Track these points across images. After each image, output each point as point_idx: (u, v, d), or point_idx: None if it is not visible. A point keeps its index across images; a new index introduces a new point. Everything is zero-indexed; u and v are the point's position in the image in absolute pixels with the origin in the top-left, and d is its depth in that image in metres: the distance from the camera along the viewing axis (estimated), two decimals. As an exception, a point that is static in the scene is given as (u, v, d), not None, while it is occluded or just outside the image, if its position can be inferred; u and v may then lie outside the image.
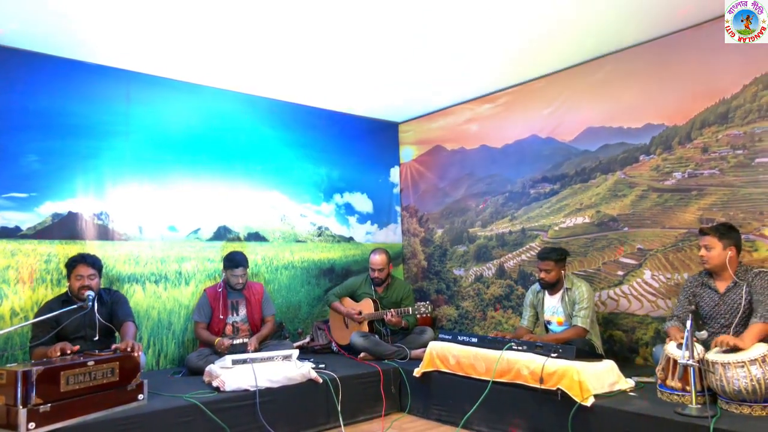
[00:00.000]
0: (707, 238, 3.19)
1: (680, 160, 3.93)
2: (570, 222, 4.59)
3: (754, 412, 2.66)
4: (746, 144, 3.61)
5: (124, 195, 4.30)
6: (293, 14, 3.55)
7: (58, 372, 2.74)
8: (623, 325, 4.17)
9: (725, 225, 3.22)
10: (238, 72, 4.52)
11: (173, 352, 4.40)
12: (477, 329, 5.29)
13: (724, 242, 3.14)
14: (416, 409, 4.00)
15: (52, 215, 3.99)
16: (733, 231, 3.18)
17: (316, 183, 5.49)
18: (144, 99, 4.43)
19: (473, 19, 3.68)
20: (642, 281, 4.09)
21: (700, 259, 3.26)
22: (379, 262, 4.72)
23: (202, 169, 4.72)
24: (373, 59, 4.32)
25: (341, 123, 5.70)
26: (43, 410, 2.65)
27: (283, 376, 3.54)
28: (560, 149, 4.71)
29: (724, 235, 3.14)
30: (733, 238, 3.15)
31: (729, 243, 3.14)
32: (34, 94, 3.96)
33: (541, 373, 3.16)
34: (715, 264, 3.17)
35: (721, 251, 3.14)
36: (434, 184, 5.88)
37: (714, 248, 3.16)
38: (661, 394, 3.01)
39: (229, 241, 4.83)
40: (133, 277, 4.29)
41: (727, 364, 2.72)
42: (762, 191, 3.53)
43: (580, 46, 4.18)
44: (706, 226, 3.33)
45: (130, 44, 3.93)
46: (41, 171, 3.96)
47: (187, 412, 3.12)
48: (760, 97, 3.55)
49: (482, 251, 5.33)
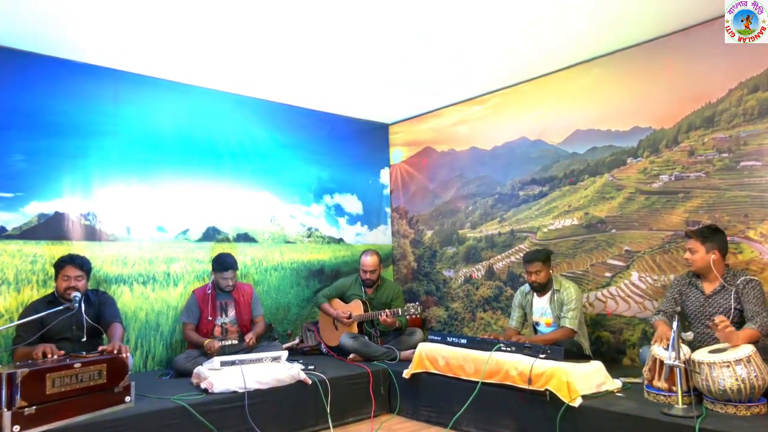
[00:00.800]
0: (691, 241, 3.24)
1: (667, 163, 3.98)
2: (558, 224, 4.62)
3: (739, 411, 2.69)
4: (732, 147, 3.66)
5: (112, 195, 4.27)
6: (283, 15, 3.54)
7: (43, 374, 2.71)
8: (611, 326, 4.20)
9: (710, 228, 3.26)
10: (227, 72, 4.50)
11: (161, 354, 4.36)
12: (466, 330, 5.30)
13: (707, 246, 3.18)
14: (405, 410, 4.00)
15: (38, 215, 3.95)
16: (717, 234, 3.22)
17: (306, 184, 5.48)
18: (133, 98, 4.40)
19: (463, 22, 3.70)
20: (629, 283, 4.12)
21: (686, 261, 3.30)
22: (370, 264, 4.72)
23: (191, 169, 4.69)
24: (363, 60, 4.32)
25: (331, 124, 5.69)
26: (28, 413, 2.62)
27: (272, 377, 3.53)
28: (549, 151, 4.74)
29: (708, 239, 3.18)
30: (717, 241, 3.19)
31: (712, 246, 3.17)
32: (20, 92, 3.92)
33: (529, 374, 3.18)
34: (699, 267, 3.22)
35: (705, 254, 3.18)
36: (424, 185, 5.89)
37: (697, 252, 3.20)
38: (648, 394, 3.04)
39: (218, 242, 4.80)
40: (121, 278, 4.25)
41: (713, 364, 2.75)
42: (747, 194, 3.58)
43: (569, 49, 4.22)
44: (691, 229, 3.38)
45: (119, 43, 3.90)
46: (27, 171, 3.92)
47: (175, 414, 3.10)
48: (745, 101, 3.60)
49: (471, 253, 5.35)
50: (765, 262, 3.46)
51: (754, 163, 3.55)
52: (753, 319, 2.98)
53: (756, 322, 2.95)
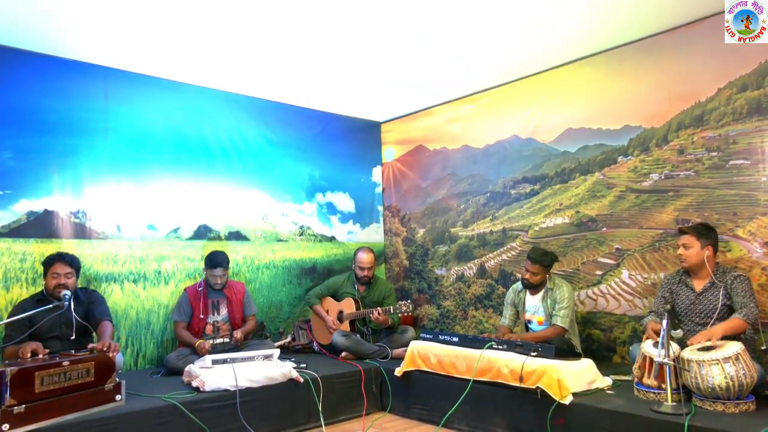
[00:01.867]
0: (686, 237, 3.26)
1: (657, 162, 4.00)
2: (550, 222, 4.64)
3: (727, 409, 2.71)
4: (721, 146, 3.69)
5: (102, 193, 4.24)
6: (276, 13, 3.52)
7: (32, 372, 2.69)
8: (601, 324, 4.23)
9: (704, 225, 3.30)
10: (219, 69, 4.48)
11: (152, 352, 4.34)
12: (458, 328, 5.32)
13: (702, 241, 3.21)
14: (397, 408, 4.01)
15: (27, 213, 3.91)
16: (711, 231, 3.26)
17: (298, 182, 5.47)
18: (123, 96, 4.37)
19: (455, 21, 3.70)
20: (620, 281, 4.15)
21: (678, 258, 3.32)
22: (367, 261, 4.72)
23: (182, 167, 4.67)
24: (355, 58, 4.32)
25: (323, 122, 5.68)
26: (17, 411, 2.60)
27: (263, 375, 3.52)
28: (540, 150, 4.76)
29: (703, 235, 3.21)
30: (711, 237, 3.23)
31: (707, 242, 3.21)
32: (9, 90, 3.88)
33: (520, 371, 3.19)
34: (692, 263, 3.24)
35: (699, 250, 3.21)
36: (416, 183, 5.90)
37: (692, 247, 3.22)
38: (638, 392, 3.06)
39: (210, 240, 4.78)
40: (111, 277, 4.22)
41: (702, 362, 2.77)
42: (736, 192, 3.61)
43: (560, 48, 4.23)
44: (685, 225, 3.41)
45: (109, 40, 3.87)
46: (16, 168, 3.88)
47: (166, 412, 3.09)
48: (734, 100, 3.62)
49: (463, 251, 5.36)
50: (753, 260, 3.49)
51: (742, 161, 3.58)
52: (740, 310, 3.03)
53: (742, 312, 3.00)
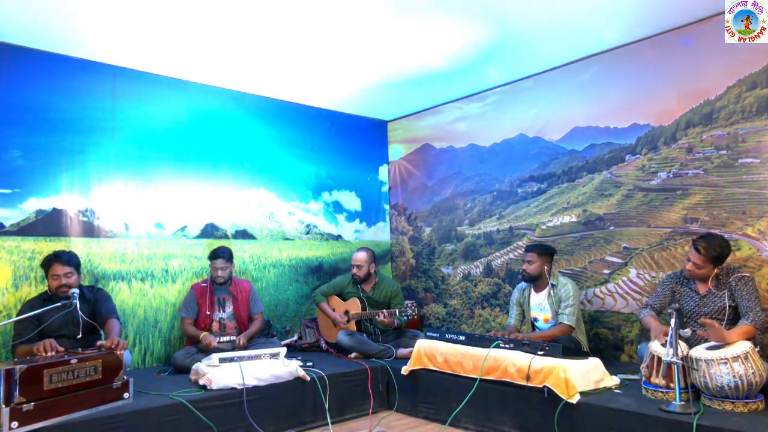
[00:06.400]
0: (699, 257, 3.14)
1: (665, 160, 3.98)
2: (557, 221, 4.63)
3: (736, 408, 2.70)
4: (730, 144, 3.66)
5: (110, 192, 4.26)
6: (282, 11, 3.53)
7: (41, 370, 2.70)
8: (609, 322, 4.21)
9: (721, 246, 3.14)
10: (226, 68, 4.49)
11: (159, 350, 4.36)
12: (465, 327, 5.31)
13: (714, 263, 3.14)
14: (404, 406, 4.01)
15: (36, 212, 3.94)
16: (725, 251, 3.14)
17: (304, 181, 5.47)
18: (130, 95, 4.39)
19: (461, 18, 3.69)
20: (627, 279, 4.13)
21: (687, 271, 3.24)
22: (358, 258, 4.68)
23: (189, 166, 4.69)
24: (362, 57, 4.31)
25: (330, 121, 5.69)
26: (26, 409, 2.61)
27: (270, 374, 3.52)
28: (547, 149, 4.74)
29: (717, 259, 3.13)
30: (723, 258, 3.15)
31: (719, 263, 3.14)
32: (17, 88, 3.91)
33: (527, 370, 3.18)
34: (698, 276, 3.21)
35: (710, 270, 3.15)
36: (423, 182, 5.89)
37: (704, 268, 3.16)
38: (646, 391, 3.05)
39: (217, 239, 4.80)
40: (119, 275, 4.24)
41: (711, 361, 2.75)
42: (745, 191, 3.58)
43: (568, 46, 4.21)
44: (701, 244, 3.16)
45: (116, 39, 3.88)
46: (25, 167, 3.91)
47: (174, 410, 3.10)
48: (743, 98, 3.60)
49: (470, 249, 5.35)
50: (763, 258, 3.46)
51: (752, 160, 3.56)
52: (746, 315, 2.99)
53: (749, 318, 2.97)
